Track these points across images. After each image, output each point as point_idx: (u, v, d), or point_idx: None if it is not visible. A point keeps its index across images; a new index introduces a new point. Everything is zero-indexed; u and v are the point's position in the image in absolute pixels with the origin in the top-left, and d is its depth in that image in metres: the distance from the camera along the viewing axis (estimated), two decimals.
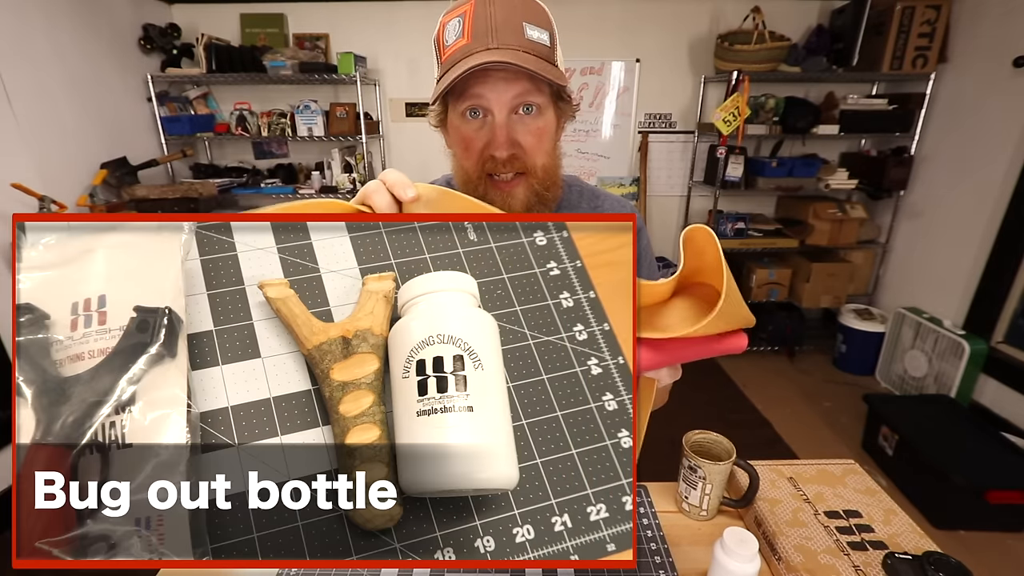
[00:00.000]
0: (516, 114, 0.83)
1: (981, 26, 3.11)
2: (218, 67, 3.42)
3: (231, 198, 3.64)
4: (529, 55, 0.78)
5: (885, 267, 3.86)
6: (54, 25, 2.77)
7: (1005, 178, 2.91)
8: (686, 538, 0.90)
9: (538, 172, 0.86)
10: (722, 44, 3.49)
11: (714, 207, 3.72)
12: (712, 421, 0.93)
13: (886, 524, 0.87)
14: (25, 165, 2.57)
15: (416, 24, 3.72)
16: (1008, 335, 2.95)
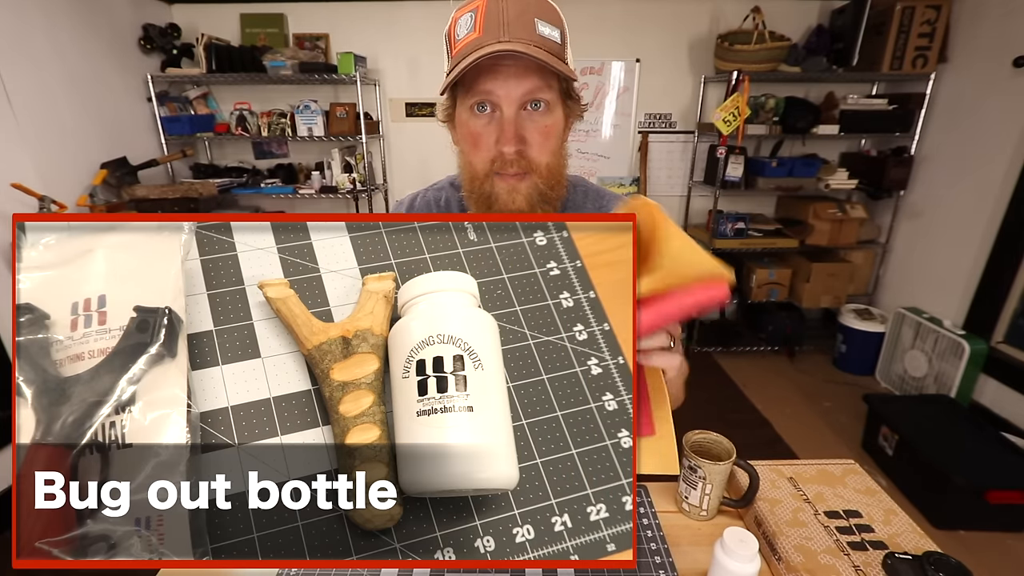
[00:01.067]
0: (525, 110, 0.83)
1: (981, 26, 3.11)
2: (218, 67, 3.42)
3: (231, 198, 3.64)
4: (540, 50, 0.78)
5: (885, 267, 3.85)
6: (54, 25, 2.77)
7: (1005, 178, 2.90)
8: (686, 538, 0.90)
9: (542, 171, 0.86)
10: (722, 44, 3.49)
11: (714, 207, 3.72)
12: (712, 421, 0.93)
13: (886, 524, 0.87)
14: (25, 165, 2.57)
15: (416, 24, 3.72)
16: (1008, 335, 2.95)
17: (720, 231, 3.73)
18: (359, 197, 3.71)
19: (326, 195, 3.71)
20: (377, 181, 3.98)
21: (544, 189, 0.87)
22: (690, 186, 4.06)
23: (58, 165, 2.79)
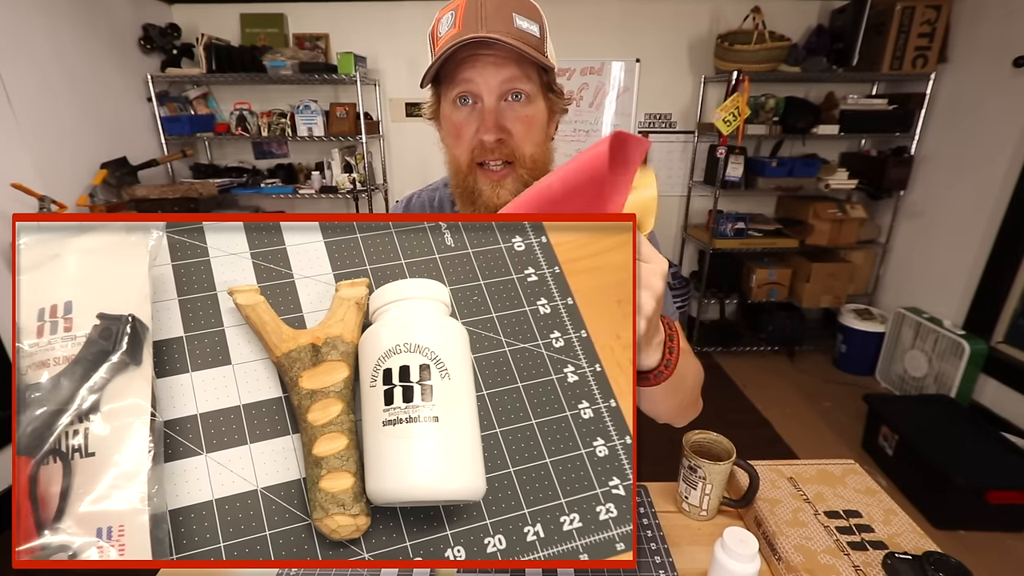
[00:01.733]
0: (505, 101, 0.84)
1: (981, 26, 3.10)
2: (218, 67, 3.42)
3: (231, 198, 3.65)
4: (518, 41, 0.79)
5: (885, 267, 3.84)
6: (54, 25, 2.78)
7: (1005, 178, 2.89)
8: (686, 538, 0.90)
9: (526, 161, 0.86)
10: (722, 44, 3.48)
11: (714, 207, 3.71)
12: (712, 421, 0.93)
13: (886, 524, 0.87)
14: (25, 165, 2.58)
15: (416, 24, 3.72)
16: (1008, 335, 2.94)
17: (720, 231, 3.72)
18: (359, 197, 3.71)
19: (326, 195, 3.72)
20: (377, 181, 3.98)
21: (529, 181, 0.86)
22: (690, 186, 4.06)
23: (58, 165, 2.80)
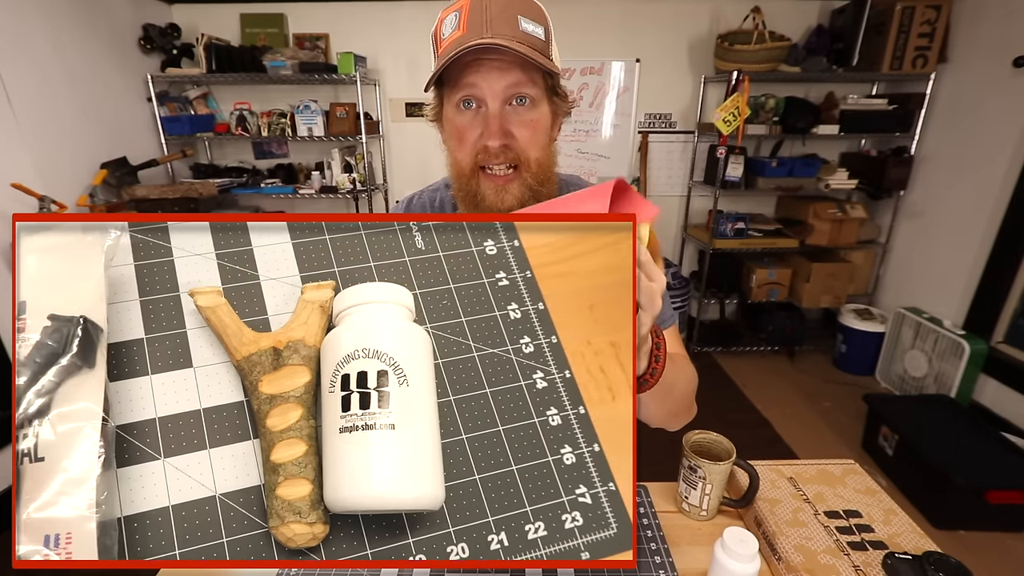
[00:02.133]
0: (510, 105, 0.83)
1: (981, 26, 3.08)
2: (218, 67, 3.43)
3: (231, 198, 3.65)
4: (523, 45, 0.78)
5: (885, 267, 3.83)
6: (54, 25, 2.79)
7: (1005, 178, 2.88)
8: (686, 538, 0.90)
9: (532, 166, 0.86)
10: (722, 44, 3.46)
11: (714, 207, 3.69)
12: (712, 421, 0.92)
13: (886, 524, 0.87)
14: (25, 165, 2.59)
15: (416, 24, 3.72)
16: (1008, 335, 2.93)
17: (720, 231, 3.71)
18: (359, 197, 3.71)
19: (326, 195, 3.72)
20: (377, 181, 3.98)
21: (534, 185, 0.87)
22: (690, 186, 4.05)
23: (58, 165, 2.80)
